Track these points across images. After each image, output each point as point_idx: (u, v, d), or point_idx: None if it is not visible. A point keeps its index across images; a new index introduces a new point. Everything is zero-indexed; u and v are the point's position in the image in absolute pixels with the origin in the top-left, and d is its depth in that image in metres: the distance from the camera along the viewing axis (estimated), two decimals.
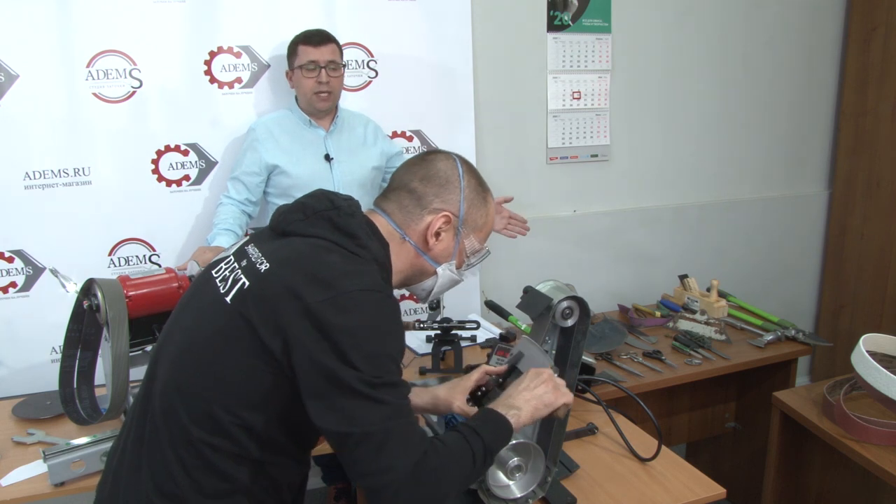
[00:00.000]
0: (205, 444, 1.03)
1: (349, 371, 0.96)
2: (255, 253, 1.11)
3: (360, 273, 1.03)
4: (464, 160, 1.23)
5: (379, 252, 1.12)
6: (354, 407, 0.96)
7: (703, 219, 3.16)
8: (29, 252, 2.22)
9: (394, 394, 0.99)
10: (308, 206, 1.13)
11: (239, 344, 1.01)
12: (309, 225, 1.10)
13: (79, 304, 1.59)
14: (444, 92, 2.57)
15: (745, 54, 3.07)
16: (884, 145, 3.03)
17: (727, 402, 2.49)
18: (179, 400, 1.05)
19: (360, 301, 0.99)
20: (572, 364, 1.32)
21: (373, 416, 0.96)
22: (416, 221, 1.18)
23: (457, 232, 1.20)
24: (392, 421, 0.97)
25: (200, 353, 1.05)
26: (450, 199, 1.18)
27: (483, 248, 1.25)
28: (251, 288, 1.04)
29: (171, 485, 1.04)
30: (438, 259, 1.21)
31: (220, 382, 1.03)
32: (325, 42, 2.16)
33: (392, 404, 0.98)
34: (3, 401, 1.88)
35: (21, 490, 1.46)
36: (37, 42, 2.12)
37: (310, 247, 1.07)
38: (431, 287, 1.24)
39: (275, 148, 2.20)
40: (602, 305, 2.72)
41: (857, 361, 1.74)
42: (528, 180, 2.82)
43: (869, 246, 3.14)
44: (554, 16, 2.71)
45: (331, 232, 1.09)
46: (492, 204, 1.26)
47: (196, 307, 1.13)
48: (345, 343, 0.96)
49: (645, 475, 1.44)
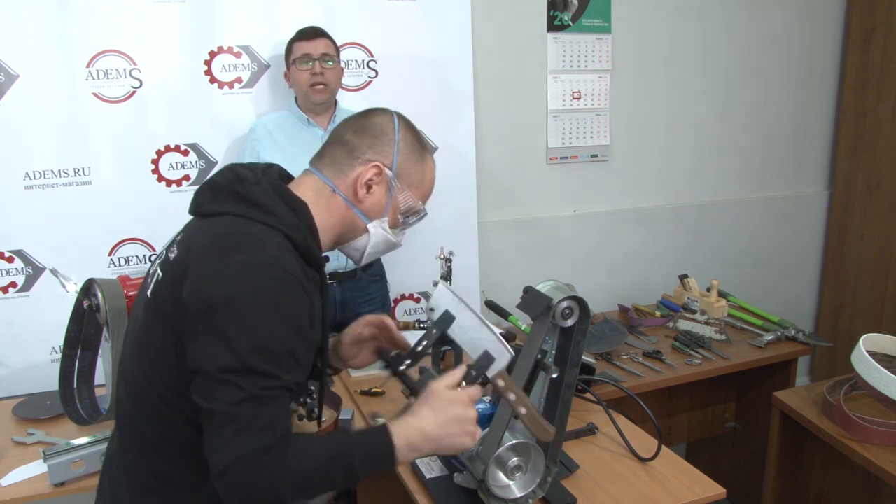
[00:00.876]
0: (159, 438, 1.06)
1: (220, 350, 0.93)
2: (173, 242, 1.10)
3: (251, 245, 0.99)
4: (402, 117, 1.20)
5: (288, 216, 1.05)
6: (212, 386, 0.94)
7: (703, 219, 3.16)
8: (29, 252, 2.22)
9: (258, 384, 0.94)
10: (216, 182, 1.09)
11: (158, 335, 1.03)
12: (218, 202, 1.07)
13: (79, 304, 1.59)
14: (444, 92, 2.57)
15: (745, 54, 3.07)
16: (884, 145, 3.03)
17: (727, 402, 2.49)
18: (129, 401, 1.09)
19: (244, 274, 0.96)
20: (572, 364, 1.32)
21: (225, 396, 0.93)
22: (346, 173, 1.14)
23: (389, 186, 1.15)
24: (241, 406, 0.93)
25: (141, 351, 1.07)
26: (383, 151, 1.14)
27: (419, 207, 1.19)
28: (162, 279, 1.05)
29: (143, 475, 1.08)
30: (369, 213, 1.15)
31: (152, 375, 1.04)
32: (317, 36, 2.17)
33: (248, 392, 0.93)
34: (3, 401, 1.88)
35: (21, 490, 1.46)
36: (37, 42, 2.12)
37: (213, 225, 1.05)
38: (364, 247, 1.17)
39: (273, 148, 2.20)
40: (602, 305, 2.72)
41: (857, 361, 1.74)
42: (528, 180, 2.82)
43: (869, 246, 3.14)
44: (554, 16, 2.71)
45: (238, 205, 1.05)
46: (431, 164, 1.20)
47: (136, 306, 1.15)
48: (220, 318, 0.94)
49: (645, 475, 1.44)
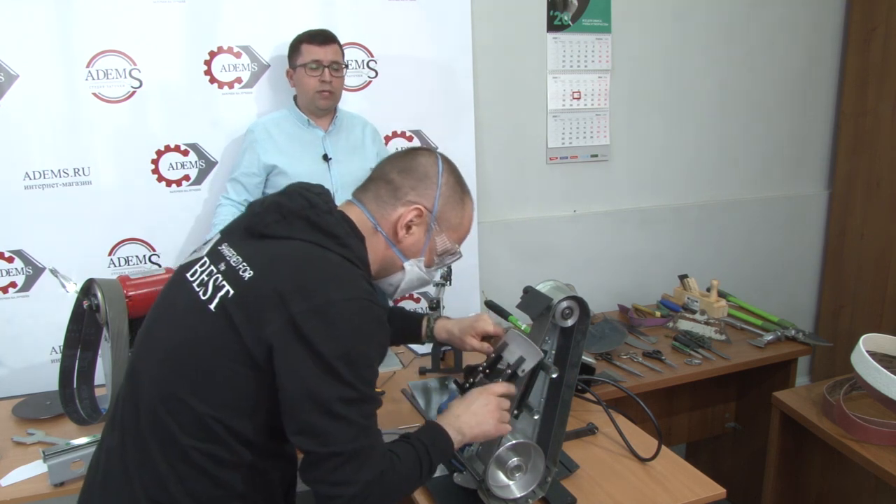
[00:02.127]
0: (197, 452, 1.02)
1: (329, 383, 0.98)
2: (232, 255, 1.09)
3: (344, 279, 1.03)
4: (446, 159, 1.23)
5: (359, 249, 1.11)
6: (326, 427, 0.98)
7: (703, 219, 3.16)
8: (29, 252, 2.23)
9: (365, 412, 1.03)
10: (284, 205, 1.10)
11: (225, 352, 1.01)
12: (287, 226, 1.08)
13: (79, 304, 1.58)
14: (444, 92, 2.58)
15: (745, 54, 3.07)
16: (884, 145, 3.03)
17: (727, 402, 2.49)
18: (166, 410, 1.03)
19: (345, 311, 1.00)
20: (572, 364, 1.32)
21: (342, 436, 0.99)
22: (388, 212, 1.16)
23: (429, 227, 1.19)
24: (358, 442, 1.00)
25: (184, 361, 1.04)
26: (425, 194, 1.17)
27: (455, 249, 1.24)
28: (235, 297, 1.02)
29: (164, 495, 1.03)
30: (407, 253, 1.19)
31: (208, 391, 1.02)
32: (329, 42, 2.17)
33: (360, 424, 1.01)
34: (3, 401, 1.88)
35: (21, 490, 1.46)
36: (37, 42, 2.12)
37: (292, 251, 1.06)
38: (398, 283, 1.22)
39: (273, 148, 2.20)
40: (602, 305, 2.72)
41: (857, 361, 1.73)
42: (528, 180, 2.82)
43: (869, 246, 3.14)
44: (554, 16, 2.71)
45: (310, 232, 1.07)
46: (470, 207, 1.24)
47: (172, 313, 1.11)
48: (327, 354, 0.97)
49: (645, 475, 1.44)
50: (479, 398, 1.20)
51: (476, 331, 1.51)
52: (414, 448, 1.10)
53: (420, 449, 1.10)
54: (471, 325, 1.52)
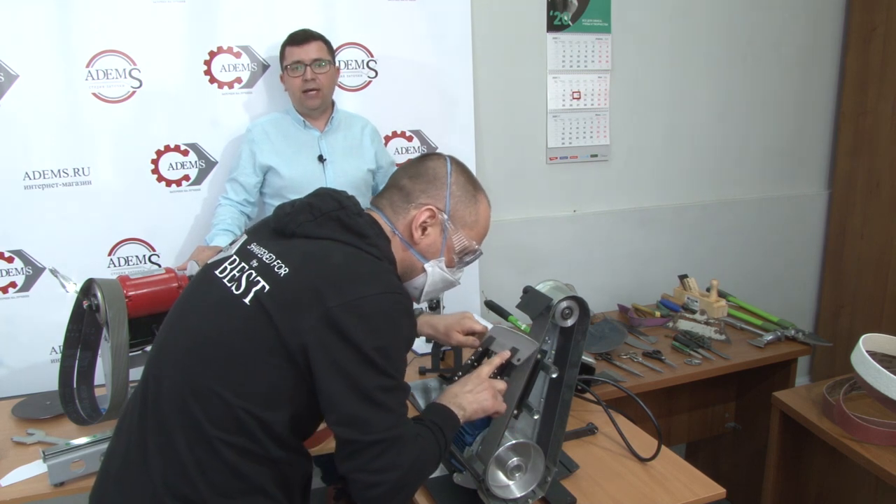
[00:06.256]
0: (223, 443, 1.03)
1: (368, 373, 1.02)
2: (263, 253, 1.12)
3: (377, 274, 1.08)
4: (456, 160, 1.27)
5: (387, 249, 1.16)
6: (368, 415, 1.02)
7: (703, 219, 3.16)
8: (29, 252, 2.22)
9: (401, 399, 1.08)
10: (315, 206, 1.15)
11: (261, 345, 1.03)
12: (318, 226, 1.13)
13: (79, 304, 1.58)
14: (444, 92, 2.58)
15: (744, 54, 3.07)
16: (884, 145, 3.03)
17: (727, 402, 2.49)
18: (194, 401, 1.04)
19: (380, 304, 1.04)
20: (572, 364, 1.32)
21: (383, 423, 1.03)
22: (403, 216, 1.22)
23: (444, 227, 1.22)
24: (397, 428, 1.05)
25: (215, 353, 1.06)
26: (436, 195, 1.22)
27: (474, 247, 1.28)
28: (272, 291, 1.05)
29: (187, 486, 1.04)
30: (425, 254, 1.23)
31: (240, 383, 1.03)
32: (308, 40, 2.16)
33: (398, 412, 1.06)
34: (3, 401, 1.88)
35: (21, 490, 1.46)
36: (37, 42, 2.12)
37: (326, 249, 1.10)
38: (422, 285, 1.26)
39: (269, 149, 2.20)
40: (602, 305, 2.72)
41: (857, 361, 1.73)
42: (528, 180, 2.82)
43: (869, 246, 3.14)
44: (554, 16, 2.71)
45: (341, 232, 1.12)
46: (485, 205, 1.29)
47: (202, 307, 1.13)
48: (364, 346, 1.01)
49: (645, 475, 1.44)
50: (471, 379, 1.25)
51: (462, 327, 1.58)
52: (430, 429, 1.14)
53: (435, 430, 1.14)
54: (457, 321, 1.59)
